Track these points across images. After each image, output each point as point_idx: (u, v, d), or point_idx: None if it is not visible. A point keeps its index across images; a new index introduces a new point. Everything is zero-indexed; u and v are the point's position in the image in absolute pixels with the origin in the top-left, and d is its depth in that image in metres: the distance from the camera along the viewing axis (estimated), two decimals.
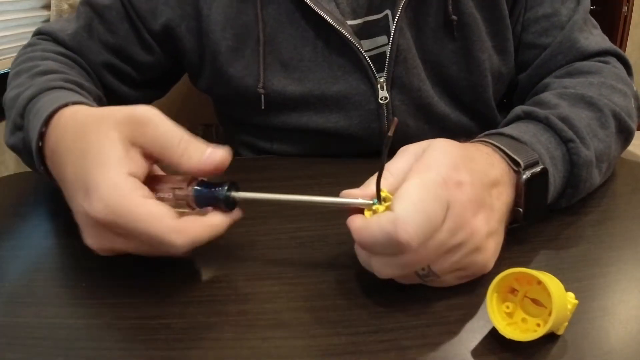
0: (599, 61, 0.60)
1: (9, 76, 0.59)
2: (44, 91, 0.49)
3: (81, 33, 0.64)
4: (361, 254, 0.38)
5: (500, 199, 0.40)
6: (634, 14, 2.87)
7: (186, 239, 0.35)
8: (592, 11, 0.65)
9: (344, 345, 0.34)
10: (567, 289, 0.33)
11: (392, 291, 0.38)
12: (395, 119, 0.36)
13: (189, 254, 0.37)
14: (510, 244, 0.42)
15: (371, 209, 0.36)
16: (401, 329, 0.35)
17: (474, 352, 0.33)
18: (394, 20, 0.59)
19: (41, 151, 0.44)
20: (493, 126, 0.50)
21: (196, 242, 0.36)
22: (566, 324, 0.34)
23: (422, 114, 0.64)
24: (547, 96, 0.54)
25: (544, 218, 0.46)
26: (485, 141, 0.44)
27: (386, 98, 0.62)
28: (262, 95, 0.63)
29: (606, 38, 0.64)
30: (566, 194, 0.48)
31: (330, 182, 0.59)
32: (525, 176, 0.42)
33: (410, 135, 0.63)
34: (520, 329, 0.33)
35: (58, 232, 0.49)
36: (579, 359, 0.32)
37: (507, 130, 0.47)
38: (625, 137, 0.54)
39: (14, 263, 0.45)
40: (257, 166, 0.67)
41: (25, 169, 0.57)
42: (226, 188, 0.38)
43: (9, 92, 0.55)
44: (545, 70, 0.62)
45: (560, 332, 0.34)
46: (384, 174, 0.36)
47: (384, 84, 0.61)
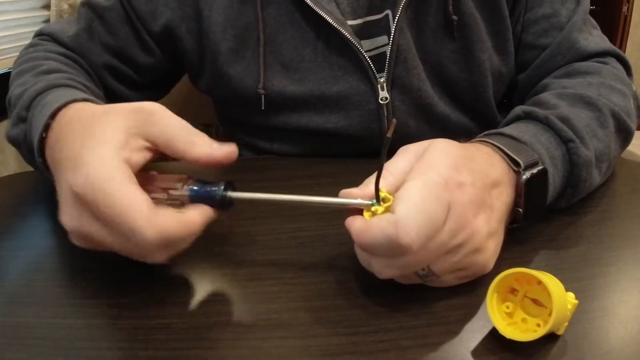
0: (598, 62, 0.60)
1: (11, 76, 0.59)
2: (52, 87, 0.50)
3: (82, 35, 0.64)
4: (361, 254, 0.38)
5: (501, 199, 0.40)
6: (634, 14, 2.87)
7: (156, 231, 0.34)
8: (592, 11, 0.65)
9: (344, 345, 0.34)
10: (567, 289, 0.33)
11: (392, 291, 0.38)
12: (394, 120, 0.36)
13: (168, 261, 0.36)
14: (510, 244, 0.42)
15: (370, 209, 0.36)
16: (401, 329, 0.35)
17: (474, 352, 0.33)
18: (394, 20, 0.59)
19: (42, 143, 0.44)
20: (493, 126, 0.50)
21: (167, 236, 0.34)
22: (566, 324, 0.34)
23: (422, 114, 0.64)
24: (546, 96, 0.54)
25: (544, 218, 0.47)
26: (485, 141, 0.44)
27: (386, 98, 0.62)
28: (262, 96, 0.63)
29: (605, 38, 0.64)
30: (566, 194, 0.48)
31: (330, 182, 0.59)
32: (525, 176, 0.42)
33: (411, 136, 0.63)
34: (520, 329, 0.33)
35: (58, 232, 0.49)
36: (579, 359, 0.32)
37: (507, 130, 0.47)
38: (625, 136, 0.54)
39: (14, 263, 0.45)
40: (257, 166, 0.67)
41: (26, 169, 0.58)
42: (222, 188, 0.38)
43: (12, 91, 0.55)
44: (545, 70, 0.63)
45: (560, 332, 0.34)
46: (383, 173, 0.36)
47: (384, 84, 0.61)
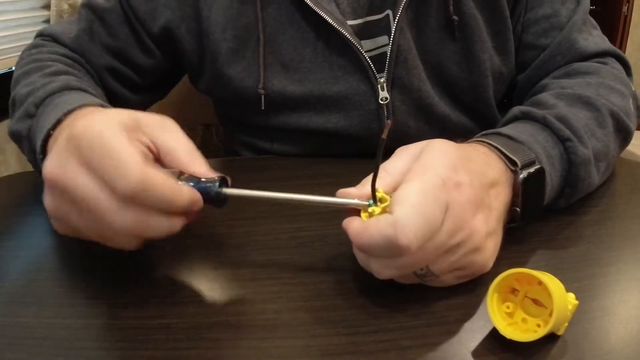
0: (598, 62, 0.60)
1: (15, 75, 0.59)
2: (65, 89, 0.51)
3: (82, 36, 0.64)
4: (360, 255, 0.38)
5: (498, 198, 0.40)
6: (634, 14, 2.87)
7: (142, 173, 0.33)
8: (592, 11, 0.65)
9: (344, 345, 0.34)
10: (567, 289, 0.33)
11: (392, 291, 0.38)
12: (389, 121, 0.36)
13: (138, 246, 0.35)
14: (510, 244, 0.42)
15: (367, 210, 0.36)
16: (401, 329, 0.35)
17: (474, 353, 0.33)
18: (394, 21, 0.59)
19: (47, 141, 0.44)
20: (493, 126, 0.50)
21: (150, 185, 0.33)
22: (566, 324, 0.34)
23: (423, 114, 0.64)
24: (544, 96, 0.54)
25: (541, 217, 0.47)
26: (482, 141, 0.44)
27: (386, 98, 0.62)
28: (262, 96, 0.63)
29: (605, 39, 0.64)
30: (565, 193, 0.48)
31: (330, 182, 0.58)
32: (522, 175, 0.42)
33: (411, 136, 0.63)
34: (521, 329, 0.33)
35: (58, 232, 0.49)
36: (578, 359, 0.32)
37: (505, 130, 0.47)
38: (624, 136, 0.54)
39: (14, 263, 0.45)
40: (257, 166, 0.67)
41: (26, 169, 0.58)
42: (217, 184, 0.37)
43: (19, 89, 0.55)
44: (544, 71, 0.63)
45: (560, 333, 0.34)
46: (381, 174, 0.36)
47: (384, 84, 0.61)
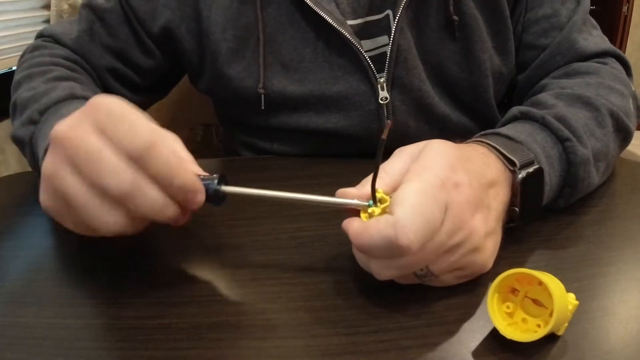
0: (598, 62, 0.60)
1: (17, 78, 0.59)
2: (70, 98, 0.52)
3: (83, 37, 0.64)
4: (359, 256, 0.37)
5: (497, 198, 0.40)
6: (634, 14, 2.87)
7: (151, 129, 0.34)
8: (592, 11, 0.64)
9: (344, 345, 0.34)
10: (567, 289, 0.33)
11: (392, 291, 0.38)
12: (388, 121, 0.36)
13: (128, 227, 0.35)
14: (509, 244, 0.42)
15: (367, 211, 0.36)
16: (401, 329, 0.35)
17: (474, 353, 0.33)
18: (394, 20, 0.59)
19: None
20: (493, 126, 0.50)
21: (160, 141, 0.34)
22: (566, 324, 0.34)
23: (423, 114, 0.64)
24: (544, 96, 0.54)
25: (541, 217, 0.46)
26: (481, 141, 0.44)
27: (386, 98, 0.62)
28: (262, 96, 0.63)
29: (605, 39, 0.64)
30: (564, 193, 0.48)
31: (330, 182, 0.58)
32: (520, 175, 0.42)
33: (411, 136, 0.63)
34: (521, 329, 0.33)
35: (58, 232, 0.49)
36: (578, 359, 0.32)
37: (503, 130, 0.47)
38: (624, 136, 0.54)
39: (14, 263, 0.45)
40: (257, 166, 0.67)
41: (26, 169, 0.58)
42: (216, 182, 0.37)
43: (21, 93, 0.55)
44: (544, 71, 0.62)
45: (560, 333, 0.34)
46: (380, 174, 0.36)
47: (384, 84, 0.61)
